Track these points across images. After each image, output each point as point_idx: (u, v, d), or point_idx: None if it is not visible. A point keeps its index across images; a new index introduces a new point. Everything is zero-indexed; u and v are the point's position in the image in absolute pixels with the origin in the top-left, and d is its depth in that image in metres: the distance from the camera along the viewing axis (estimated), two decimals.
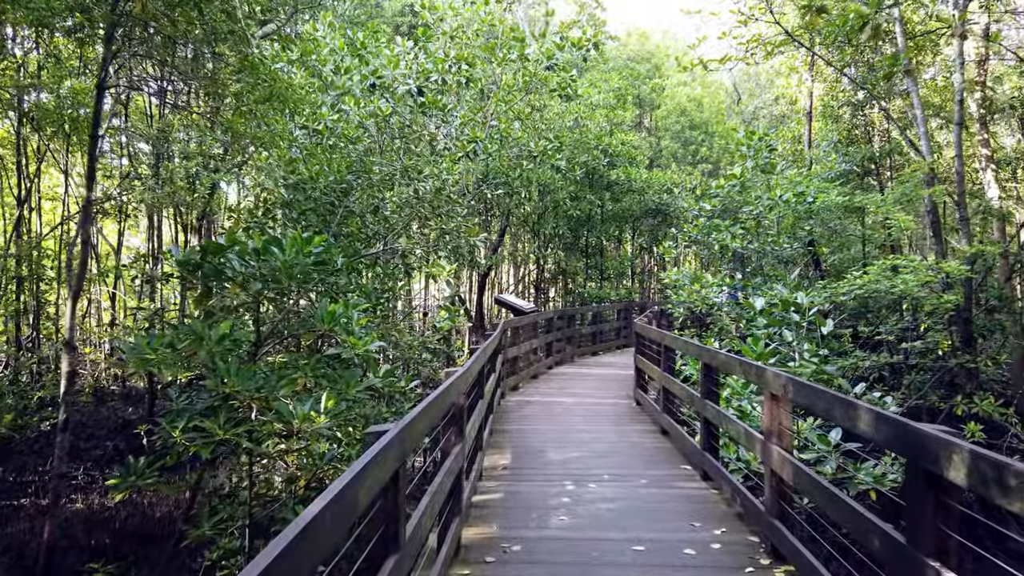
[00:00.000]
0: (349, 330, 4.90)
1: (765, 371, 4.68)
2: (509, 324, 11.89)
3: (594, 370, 14.82)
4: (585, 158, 17.25)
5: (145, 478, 4.45)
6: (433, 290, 25.04)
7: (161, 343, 4.35)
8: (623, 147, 18.63)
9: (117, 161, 15.84)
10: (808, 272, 16.52)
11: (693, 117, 26.20)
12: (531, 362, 13.69)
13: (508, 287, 24.40)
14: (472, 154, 12.27)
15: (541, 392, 11.80)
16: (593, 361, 16.49)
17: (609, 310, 19.79)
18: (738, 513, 5.45)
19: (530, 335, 13.64)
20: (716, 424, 6.12)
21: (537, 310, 14.76)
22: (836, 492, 3.56)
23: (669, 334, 8.33)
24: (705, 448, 6.44)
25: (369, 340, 4.87)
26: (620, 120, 19.86)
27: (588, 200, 19.03)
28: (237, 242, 4.76)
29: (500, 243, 19.68)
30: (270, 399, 4.38)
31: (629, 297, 22.03)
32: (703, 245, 14.15)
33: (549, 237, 20.00)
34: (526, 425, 9.05)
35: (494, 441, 8.02)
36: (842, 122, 15.18)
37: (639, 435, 8.48)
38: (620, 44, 28.07)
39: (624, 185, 19.50)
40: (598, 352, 17.83)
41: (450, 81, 12.47)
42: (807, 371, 8.11)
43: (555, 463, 7.09)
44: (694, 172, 24.22)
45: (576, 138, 17.12)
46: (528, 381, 12.93)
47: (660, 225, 22.25)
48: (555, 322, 15.17)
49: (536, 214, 18.51)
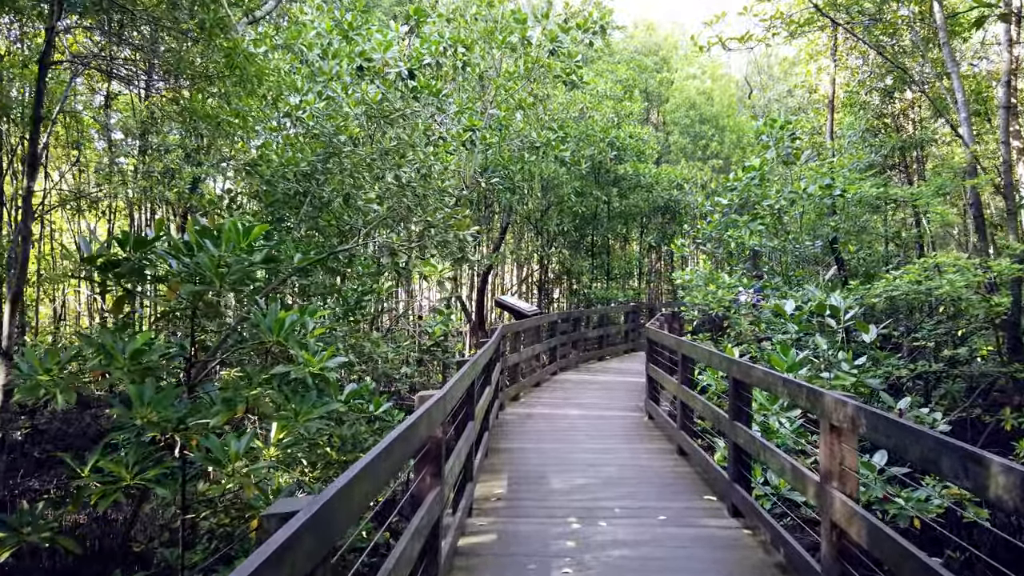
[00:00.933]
0: (303, 343, 3.96)
1: (823, 396, 3.70)
2: (509, 328, 10.93)
3: (600, 377, 13.85)
4: (591, 151, 16.28)
5: (40, 530, 3.52)
6: (435, 292, 24.12)
7: (56, 361, 3.42)
8: (631, 140, 17.64)
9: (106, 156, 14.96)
10: (828, 272, 15.51)
11: (703, 111, 25.16)
12: (533, 368, 12.74)
13: (511, 288, 23.43)
14: (469, 143, 11.32)
15: (543, 402, 10.83)
16: (599, 367, 15.52)
17: (616, 312, 18.80)
18: (779, 564, 4.48)
19: (532, 339, 12.68)
20: (750, 452, 5.15)
21: (540, 312, 13.81)
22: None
23: (687, 342, 7.36)
24: (734, 478, 5.47)
25: (327, 355, 3.93)
26: (628, 112, 18.88)
27: (594, 196, 18.05)
28: (162, 234, 3.82)
29: (502, 241, 18.73)
30: (193, 431, 3.45)
31: (636, 298, 21.04)
32: (717, 243, 13.18)
33: (553, 235, 19.03)
34: (526, 443, 8.09)
35: (489, 464, 7.07)
36: (870, 108, 14.13)
37: (653, 456, 7.51)
38: (627, 36, 27.07)
39: (632, 180, 18.51)
40: (605, 357, 16.85)
41: (446, 66, 11.51)
42: (845, 383, 7.13)
43: (558, 492, 6.13)
44: (704, 168, 23.20)
45: (582, 130, 16.15)
46: (530, 390, 11.97)
47: (669, 223, 21.26)
48: (559, 325, 14.20)
49: (539, 210, 17.52)
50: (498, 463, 7.12)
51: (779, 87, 25.97)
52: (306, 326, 4.02)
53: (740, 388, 5.48)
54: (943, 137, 13.48)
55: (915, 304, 10.27)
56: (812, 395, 3.86)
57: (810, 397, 3.89)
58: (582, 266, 18.04)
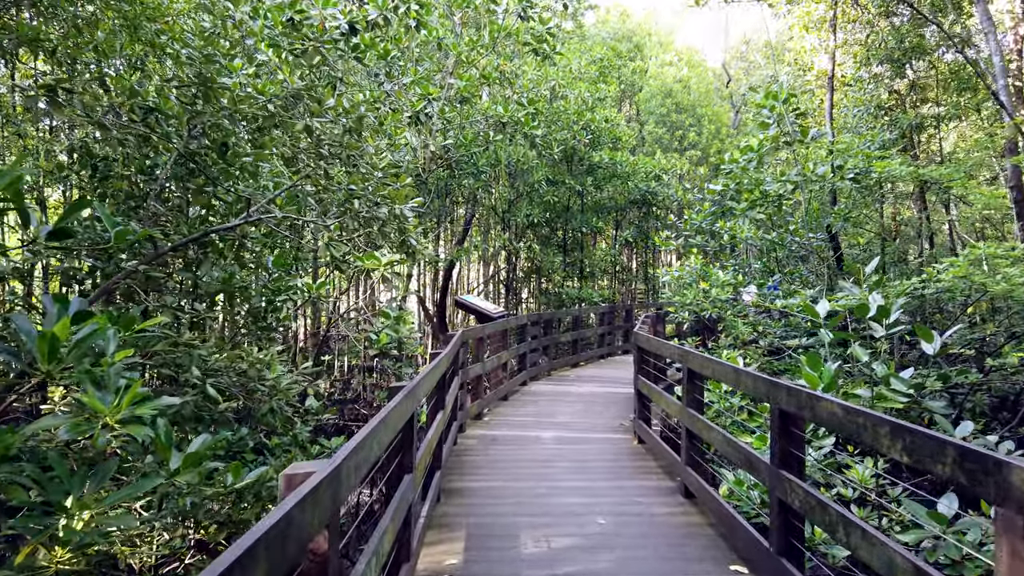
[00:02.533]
0: (94, 377, 2.26)
1: (1010, 468, 2.10)
2: (470, 334, 9.24)
3: (576, 387, 12.25)
4: (564, 135, 14.69)
5: None
6: (387, 291, 22.22)
7: None
8: (606, 125, 16.09)
9: None
10: (822, 269, 14.22)
11: (680, 99, 23.77)
12: (499, 379, 11.08)
13: (476, 287, 21.70)
14: (425, 117, 9.59)
15: (511, 422, 9.17)
16: (574, 375, 13.92)
17: (590, 314, 17.23)
18: None
19: (498, 345, 11.02)
20: (803, 512, 3.56)
21: (507, 314, 12.16)
22: None
23: (697, 353, 5.75)
24: (781, 549, 3.88)
25: (131, 397, 2.22)
26: (602, 97, 17.33)
27: (567, 186, 16.44)
28: None
29: (466, 235, 17.03)
30: None
31: (611, 298, 19.51)
32: (708, 235, 11.70)
33: (522, 228, 17.37)
34: (491, 479, 6.42)
35: (441, 515, 5.37)
36: (882, 81, 12.72)
37: (651, 498, 5.90)
38: (600, 20, 25.55)
39: (608, 170, 16.96)
40: (579, 363, 15.26)
41: (396, 24, 9.76)
42: (893, 405, 5.62)
43: (534, 563, 4.47)
44: (681, 159, 21.80)
45: (554, 111, 14.55)
46: (496, 405, 10.30)
47: (646, 217, 19.79)
48: (529, 329, 12.56)
49: (507, 201, 15.83)
50: (453, 513, 5.43)
51: (762, 73, 24.71)
52: (106, 344, 2.31)
53: (791, 425, 3.88)
54: (965, 114, 12.17)
55: (941, 305, 8.88)
56: (980, 462, 2.25)
57: (977, 464, 2.28)
58: (553, 262, 16.41)
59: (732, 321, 10.33)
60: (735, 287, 10.04)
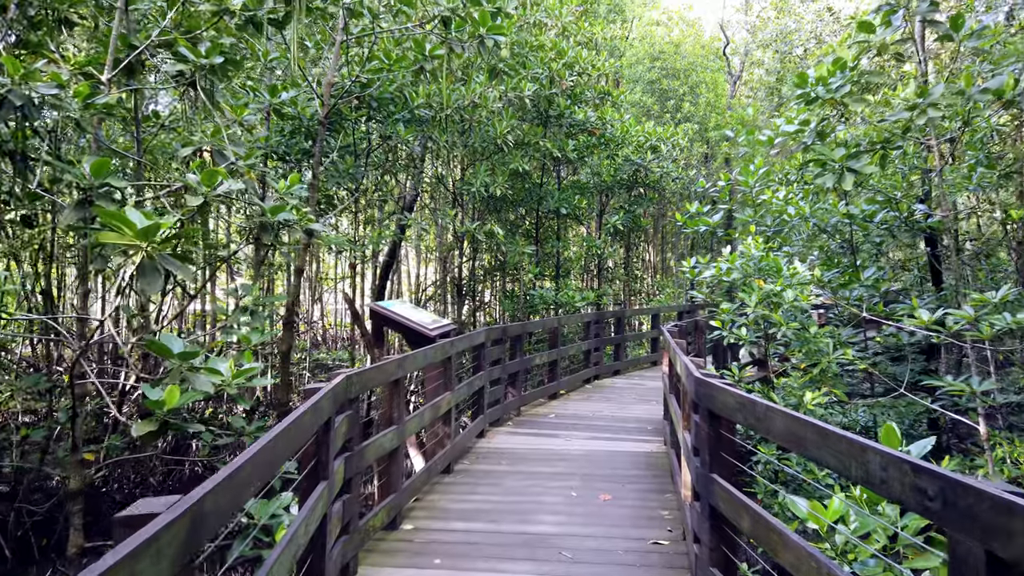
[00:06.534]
0: None
1: None
2: (367, 381, 4.84)
3: (562, 440, 8.09)
4: (537, 72, 10.55)
5: None
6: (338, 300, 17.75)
7: None
8: (593, 68, 11.97)
9: None
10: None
11: (673, 63, 19.85)
12: (441, 437, 6.80)
13: (424, 287, 17.36)
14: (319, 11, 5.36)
15: (452, 538, 4.92)
16: (555, 415, 9.73)
17: (572, 324, 13.08)
18: None
19: (435, 384, 6.75)
20: None
21: (453, 327, 7.94)
22: None
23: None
24: None
25: None
26: (588, 38, 13.27)
27: (542, 151, 12.25)
28: None
29: (411, 211, 12.63)
30: None
31: (598, 302, 15.39)
32: (760, 209, 7.72)
33: (479, 207, 13.14)
34: None
35: None
36: None
37: None
38: None
39: (595, 128, 12.85)
40: (559, 392, 11.08)
41: None
42: None
43: None
44: (676, 132, 17.84)
45: (525, 39, 10.45)
46: (430, 489, 6.06)
47: (638, 200, 15.75)
48: (488, 350, 8.32)
49: (458, 166, 11.55)
50: None
51: (765, 34, 20.92)
52: None
53: None
54: None
55: None
56: None
57: None
58: (522, 255, 12.24)
59: (811, 347, 6.28)
60: (831, 286, 6.05)
